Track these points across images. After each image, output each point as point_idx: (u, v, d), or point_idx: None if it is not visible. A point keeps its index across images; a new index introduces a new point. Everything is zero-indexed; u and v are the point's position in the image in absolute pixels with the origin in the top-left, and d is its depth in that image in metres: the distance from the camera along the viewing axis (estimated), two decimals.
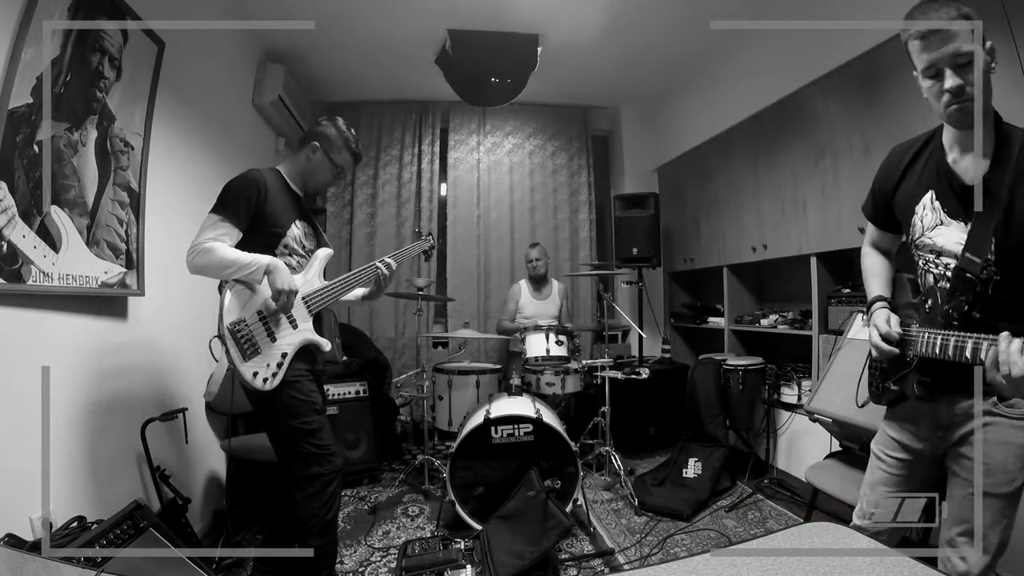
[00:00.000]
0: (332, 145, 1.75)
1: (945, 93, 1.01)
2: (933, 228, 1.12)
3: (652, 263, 3.77)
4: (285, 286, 1.53)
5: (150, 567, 1.34)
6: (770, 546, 0.83)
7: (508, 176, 4.33)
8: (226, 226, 1.54)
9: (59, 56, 1.52)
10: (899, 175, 1.20)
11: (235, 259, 1.50)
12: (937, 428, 1.15)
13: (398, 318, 4.10)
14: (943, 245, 1.10)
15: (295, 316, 1.64)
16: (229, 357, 1.50)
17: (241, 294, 1.55)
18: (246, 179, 1.60)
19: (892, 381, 1.20)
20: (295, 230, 1.70)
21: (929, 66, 1.02)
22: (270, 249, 1.61)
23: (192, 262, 1.51)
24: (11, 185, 1.37)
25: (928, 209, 1.13)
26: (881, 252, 1.35)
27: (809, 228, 2.68)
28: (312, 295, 1.70)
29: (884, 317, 1.18)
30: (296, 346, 1.62)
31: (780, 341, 3.16)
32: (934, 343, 1.05)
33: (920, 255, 1.16)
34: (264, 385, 1.53)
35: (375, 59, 3.53)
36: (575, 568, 2.06)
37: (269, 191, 1.62)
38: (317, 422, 1.64)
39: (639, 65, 3.66)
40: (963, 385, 1.08)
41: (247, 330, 1.53)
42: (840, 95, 2.45)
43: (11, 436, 1.39)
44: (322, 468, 1.62)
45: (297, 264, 1.70)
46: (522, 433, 2.31)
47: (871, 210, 1.32)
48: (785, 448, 2.93)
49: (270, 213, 1.62)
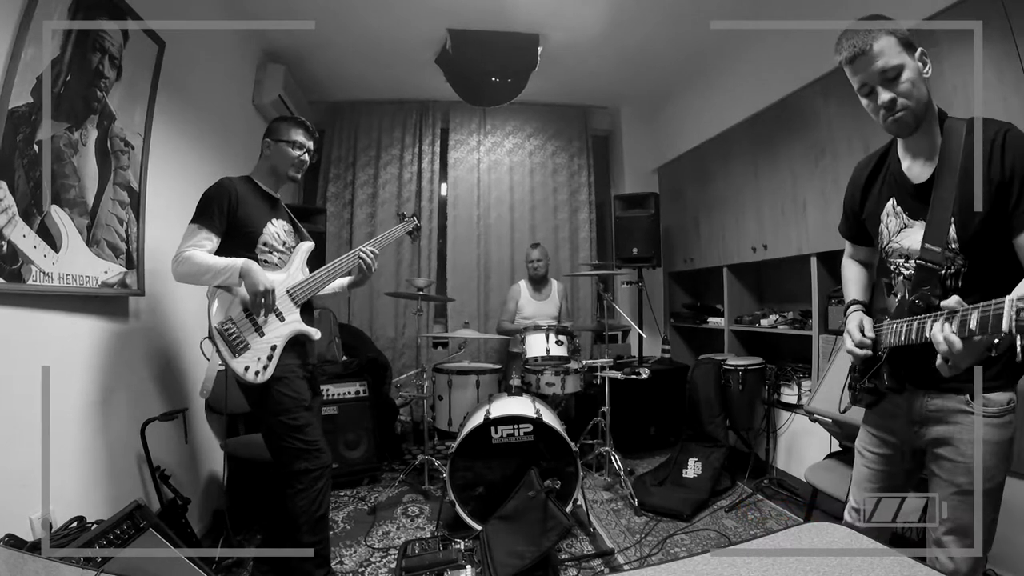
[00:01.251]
0: (279, 130, 1.84)
1: (880, 108, 1.07)
2: (899, 232, 1.17)
3: (652, 263, 3.77)
4: (260, 287, 1.60)
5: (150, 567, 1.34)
6: (770, 546, 0.83)
7: (508, 176, 4.33)
8: (204, 232, 1.63)
9: (59, 56, 1.52)
10: (862, 189, 1.27)
11: (211, 265, 1.60)
12: (912, 424, 1.17)
13: (398, 318, 4.10)
14: (909, 247, 1.14)
15: (281, 309, 1.71)
16: (220, 355, 1.57)
17: (224, 297, 1.63)
18: (217, 187, 1.70)
19: (867, 379, 1.24)
20: (272, 228, 1.78)
21: (862, 86, 1.09)
22: (249, 250, 1.70)
23: (175, 271, 1.62)
24: (11, 185, 1.37)
25: (892, 216, 1.18)
26: (860, 263, 1.40)
27: (809, 228, 2.68)
28: (296, 287, 1.77)
29: (857, 320, 1.23)
30: (285, 338, 1.69)
31: (780, 341, 3.16)
32: (900, 330, 1.09)
33: (892, 262, 1.20)
34: (256, 378, 1.60)
35: (375, 59, 3.53)
36: (575, 568, 2.06)
37: (240, 196, 1.71)
38: (305, 418, 1.69)
39: (639, 65, 3.66)
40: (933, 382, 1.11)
41: (234, 328, 1.60)
42: (840, 95, 2.44)
43: (11, 436, 1.39)
44: (310, 464, 1.67)
45: (279, 260, 1.78)
46: (522, 433, 2.32)
47: (845, 228, 1.40)
48: (785, 448, 2.93)
49: (243, 216, 1.71)
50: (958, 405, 1.09)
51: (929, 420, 1.14)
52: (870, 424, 1.29)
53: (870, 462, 1.27)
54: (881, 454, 1.25)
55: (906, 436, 1.19)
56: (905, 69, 1.04)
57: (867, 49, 1.04)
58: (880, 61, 1.04)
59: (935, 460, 1.14)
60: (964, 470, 1.07)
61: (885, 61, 1.03)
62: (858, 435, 1.33)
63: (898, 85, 1.04)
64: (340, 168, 4.19)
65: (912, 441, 1.19)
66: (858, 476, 1.31)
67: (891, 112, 1.06)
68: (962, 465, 1.07)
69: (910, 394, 1.17)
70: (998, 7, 1.70)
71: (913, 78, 1.04)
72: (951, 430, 1.10)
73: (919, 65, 1.06)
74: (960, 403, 1.08)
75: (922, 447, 1.18)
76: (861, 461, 1.30)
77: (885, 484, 1.25)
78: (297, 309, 1.76)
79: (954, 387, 1.08)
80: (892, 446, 1.24)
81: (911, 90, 1.04)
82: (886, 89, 1.05)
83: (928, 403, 1.14)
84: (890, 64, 1.03)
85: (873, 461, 1.27)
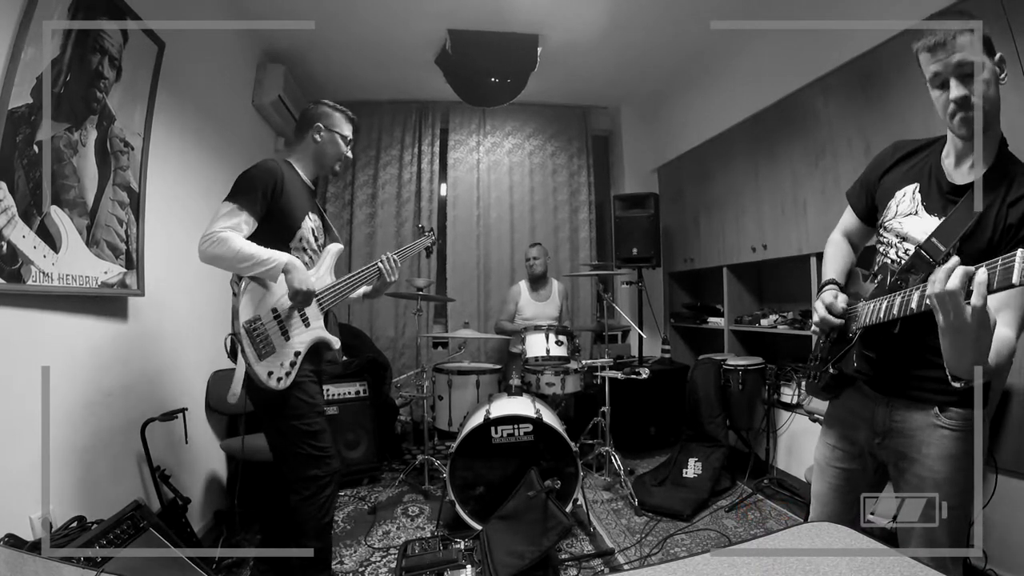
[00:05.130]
0: (334, 120, 1.75)
1: (950, 103, 1.02)
2: (906, 215, 1.14)
3: (652, 263, 3.77)
4: (304, 286, 1.51)
5: (150, 567, 1.34)
6: (770, 546, 0.83)
7: (508, 176, 4.33)
8: (243, 215, 1.49)
9: (59, 56, 1.52)
10: (891, 163, 1.22)
11: (253, 253, 1.45)
12: (874, 435, 1.15)
13: (398, 318, 4.10)
14: (909, 232, 1.11)
15: (307, 314, 1.63)
16: (244, 356, 1.45)
17: (256, 292, 1.52)
18: (263, 168, 1.56)
19: (832, 364, 1.20)
20: (308, 223, 1.68)
21: (935, 76, 1.04)
22: (284, 243, 1.59)
23: (205, 251, 1.45)
24: (11, 185, 1.37)
25: (908, 198, 1.15)
26: (850, 243, 1.35)
27: (809, 228, 2.68)
28: (323, 292, 1.68)
29: (832, 294, 1.20)
30: (308, 344, 1.61)
31: (780, 341, 3.16)
32: (879, 307, 1.04)
33: (884, 236, 1.18)
34: (278, 385, 1.51)
35: (375, 59, 3.53)
36: (575, 568, 2.06)
37: (286, 182, 1.59)
38: (319, 424, 1.64)
39: (639, 65, 3.66)
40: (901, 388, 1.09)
41: (262, 328, 1.50)
42: (840, 95, 2.44)
43: (11, 436, 1.39)
44: (320, 471, 1.61)
45: (309, 260, 1.68)
46: (522, 433, 2.32)
47: (854, 194, 1.33)
48: (785, 448, 2.93)
49: (285, 205, 1.59)
50: (926, 419, 1.06)
51: (892, 432, 1.11)
52: (831, 437, 1.25)
53: (832, 477, 1.24)
54: (843, 468, 1.22)
55: (869, 447, 1.16)
56: (983, 68, 0.99)
57: (950, 40, 1.00)
58: (960, 54, 0.99)
59: (900, 476, 1.11)
60: (933, 485, 1.04)
61: (964, 55, 0.99)
62: (817, 448, 1.30)
63: (972, 83, 1.00)
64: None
65: (876, 453, 1.16)
66: (819, 490, 1.27)
67: (961, 109, 1.01)
68: (930, 480, 1.05)
69: (873, 401, 1.15)
70: (998, 7, 1.70)
71: (989, 79, 1.00)
72: (916, 445, 1.07)
73: (996, 70, 1.01)
74: (929, 417, 1.06)
75: (884, 461, 1.15)
76: (823, 477, 1.26)
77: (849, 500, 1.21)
78: (322, 315, 1.68)
79: (921, 397, 1.06)
80: (855, 459, 1.20)
81: (985, 91, 0.99)
82: (960, 84, 1.00)
83: (893, 414, 1.11)
84: (968, 59, 0.99)
85: (835, 476, 1.23)
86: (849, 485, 1.22)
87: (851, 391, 1.22)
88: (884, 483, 1.21)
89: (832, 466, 1.24)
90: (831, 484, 1.24)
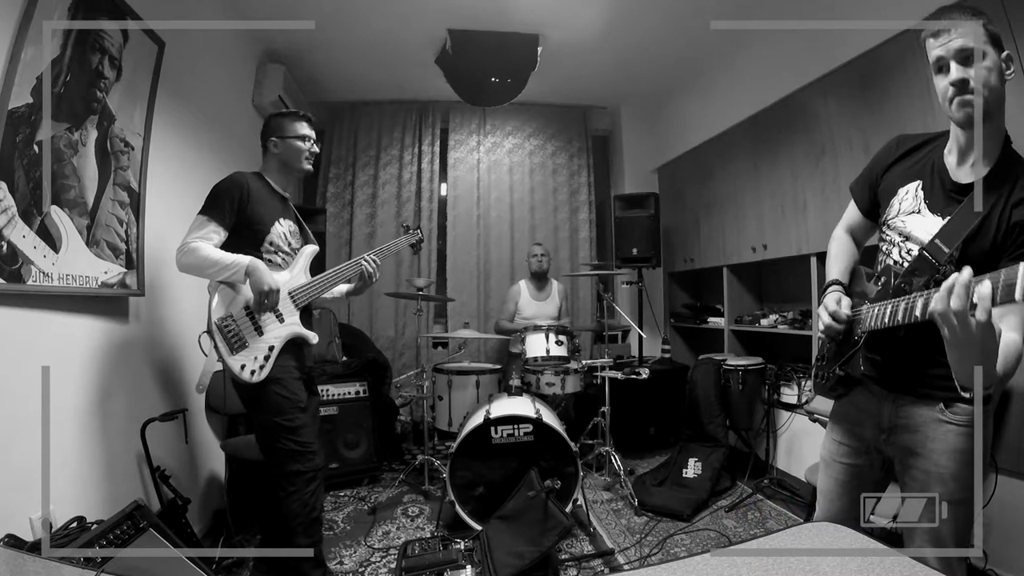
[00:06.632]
0: (283, 127, 1.82)
1: (950, 87, 1.01)
2: (909, 214, 1.13)
3: (652, 263, 3.77)
4: (265, 286, 1.59)
5: (150, 567, 1.34)
6: (770, 546, 0.83)
7: (508, 176, 4.33)
8: (212, 225, 1.62)
9: (59, 56, 1.52)
10: (894, 158, 1.21)
11: (218, 259, 1.58)
12: (880, 431, 1.15)
13: (398, 318, 4.10)
14: (912, 231, 1.10)
15: (281, 310, 1.71)
16: (217, 351, 1.57)
17: (226, 293, 1.63)
18: (230, 181, 1.69)
19: (838, 365, 1.20)
20: (279, 228, 1.78)
21: (937, 60, 1.04)
22: (255, 247, 1.69)
23: (179, 261, 1.60)
24: (11, 185, 1.37)
25: (911, 196, 1.14)
26: (853, 239, 1.35)
27: (809, 228, 2.68)
28: (298, 290, 1.77)
29: (835, 298, 1.19)
30: (283, 339, 1.69)
31: (780, 341, 3.16)
32: (884, 312, 1.03)
33: (887, 235, 1.17)
34: (252, 377, 1.60)
35: (375, 59, 3.53)
36: (575, 568, 2.06)
37: (252, 191, 1.70)
38: (300, 419, 1.69)
39: (639, 65, 3.66)
40: (908, 384, 1.08)
41: (233, 325, 1.60)
42: (840, 95, 2.45)
43: (11, 436, 1.39)
44: (302, 465, 1.67)
45: (283, 261, 1.78)
46: (522, 433, 2.31)
47: (858, 188, 1.32)
48: (785, 448, 2.93)
49: (252, 212, 1.70)
50: (932, 414, 1.06)
51: (897, 428, 1.11)
52: (837, 433, 1.25)
53: (839, 473, 1.24)
54: (849, 464, 1.22)
55: (875, 443, 1.17)
56: (985, 57, 0.99)
57: (953, 27, 1.01)
58: (962, 40, 0.99)
59: (906, 471, 1.11)
60: (938, 480, 1.05)
61: (966, 41, 0.99)
62: (823, 444, 1.30)
63: (973, 67, 0.99)
64: (340, 168, 4.19)
65: (883, 449, 1.16)
66: (825, 486, 1.27)
67: (960, 93, 1.00)
68: (935, 475, 1.05)
69: (880, 398, 1.15)
70: (998, 7, 1.70)
71: (991, 67, 0.99)
72: (921, 440, 1.07)
73: (1002, 64, 1.00)
74: (934, 412, 1.06)
75: (890, 456, 1.15)
76: (829, 473, 1.26)
77: (855, 496, 1.21)
78: (297, 312, 1.76)
79: (928, 393, 1.06)
80: (861, 454, 1.20)
81: (987, 77, 0.98)
82: (960, 67, 0.99)
83: (898, 411, 1.11)
84: (969, 45, 0.99)
85: (842, 472, 1.23)
86: (855, 481, 1.21)
87: (858, 388, 1.21)
88: (890, 479, 1.21)
89: (838, 462, 1.24)
90: (837, 480, 1.24)
